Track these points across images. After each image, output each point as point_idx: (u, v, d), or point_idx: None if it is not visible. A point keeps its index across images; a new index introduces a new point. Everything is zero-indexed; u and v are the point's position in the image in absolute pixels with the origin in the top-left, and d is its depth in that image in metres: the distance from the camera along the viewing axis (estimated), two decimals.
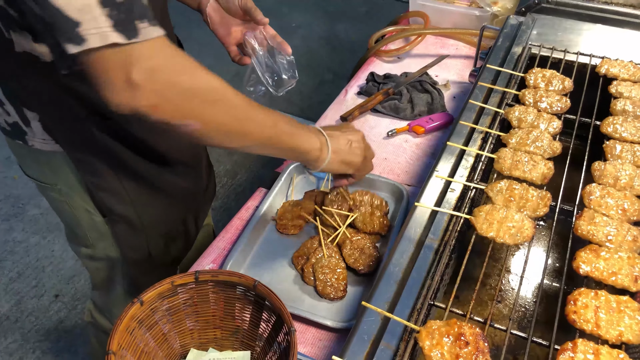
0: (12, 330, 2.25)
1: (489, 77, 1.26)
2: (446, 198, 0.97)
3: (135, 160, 1.11)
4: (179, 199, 1.27)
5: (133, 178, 1.13)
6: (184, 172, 1.25)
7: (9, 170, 2.97)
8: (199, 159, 1.32)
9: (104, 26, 0.70)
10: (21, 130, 1.06)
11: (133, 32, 0.72)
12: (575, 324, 0.73)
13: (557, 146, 1.00)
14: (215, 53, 3.96)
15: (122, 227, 1.18)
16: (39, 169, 1.15)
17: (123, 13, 0.72)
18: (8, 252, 2.56)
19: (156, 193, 1.19)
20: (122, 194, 1.13)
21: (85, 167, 1.08)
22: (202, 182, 1.37)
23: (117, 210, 1.15)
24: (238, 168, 3.08)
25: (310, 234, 1.24)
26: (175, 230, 1.33)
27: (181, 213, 1.32)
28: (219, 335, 1.01)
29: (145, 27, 0.73)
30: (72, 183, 1.12)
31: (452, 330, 0.71)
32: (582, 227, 0.85)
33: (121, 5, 0.72)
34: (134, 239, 1.22)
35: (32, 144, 1.08)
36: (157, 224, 1.24)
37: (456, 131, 1.12)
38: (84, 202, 1.15)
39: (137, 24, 0.73)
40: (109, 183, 1.11)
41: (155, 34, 0.74)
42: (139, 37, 0.72)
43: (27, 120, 1.04)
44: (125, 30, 0.71)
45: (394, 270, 0.87)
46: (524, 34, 1.41)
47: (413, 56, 1.87)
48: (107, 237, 1.21)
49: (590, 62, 1.27)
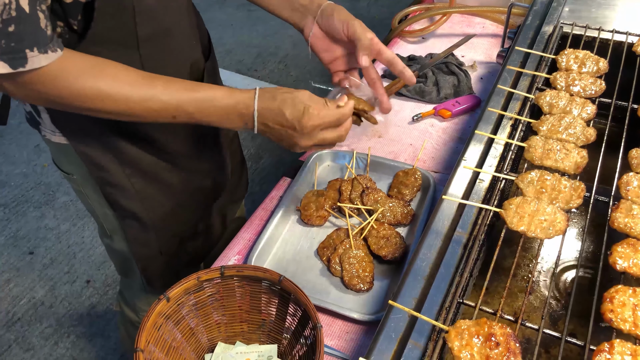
0: (47, 315, 2.31)
1: (517, 59, 1.21)
2: (475, 189, 0.94)
3: (143, 157, 1.11)
4: (194, 199, 1.25)
5: (141, 175, 1.12)
6: (200, 172, 1.23)
7: (38, 159, 3.03)
8: (223, 159, 1.30)
9: None
10: (35, 120, 1.08)
11: (21, 61, 0.77)
12: (612, 323, 0.70)
13: (591, 133, 0.96)
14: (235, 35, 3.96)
15: (130, 222, 1.18)
16: (58, 158, 1.16)
17: (14, 42, 0.76)
18: (41, 239, 2.63)
19: (166, 191, 1.18)
20: (129, 190, 1.12)
21: (91, 160, 1.08)
22: (227, 183, 1.34)
23: (124, 205, 1.14)
24: (262, 152, 3.08)
25: (335, 225, 1.22)
26: (190, 230, 1.31)
27: (196, 213, 1.30)
28: (245, 329, 1.01)
29: (35, 55, 0.78)
30: (85, 175, 1.12)
31: (482, 330, 0.69)
32: (619, 220, 0.81)
33: (12, 34, 0.75)
34: (143, 236, 1.20)
35: (45, 134, 1.09)
36: (167, 223, 1.22)
37: (484, 118, 1.08)
38: (96, 194, 1.15)
39: (27, 53, 0.78)
40: (115, 178, 1.10)
41: (45, 61, 0.80)
42: (26, 66, 0.78)
43: (38, 111, 1.06)
44: (12, 59, 0.77)
45: (422, 265, 0.85)
46: (555, 12, 1.34)
47: (438, 36, 1.81)
48: (120, 230, 1.22)
49: (626, 41, 1.21)
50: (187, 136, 1.15)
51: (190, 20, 1.10)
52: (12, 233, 2.65)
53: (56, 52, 0.81)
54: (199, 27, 1.18)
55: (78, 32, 0.91)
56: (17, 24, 0.75)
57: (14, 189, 2.87)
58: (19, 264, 2.52)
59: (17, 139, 3.14)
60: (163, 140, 1.11)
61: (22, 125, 3.15)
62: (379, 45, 1.05)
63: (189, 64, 1.11)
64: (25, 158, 3.04)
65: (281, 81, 3.55)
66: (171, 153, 1.14)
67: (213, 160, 1.27)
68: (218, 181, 1.31)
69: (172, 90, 0.92)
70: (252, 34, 3.90)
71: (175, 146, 1.14)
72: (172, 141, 1.12)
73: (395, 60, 1.06)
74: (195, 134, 1.17)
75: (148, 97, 0.90)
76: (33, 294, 2.39)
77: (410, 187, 1.25)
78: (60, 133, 1.06)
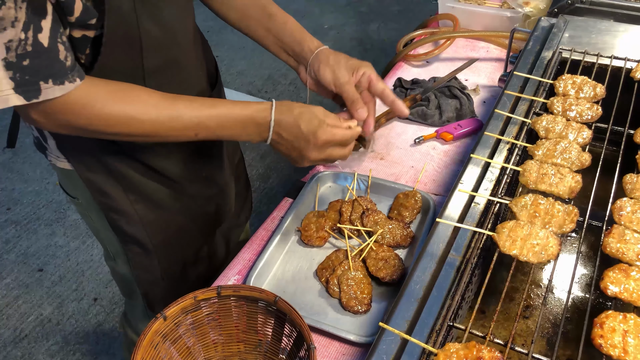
0: (53, 332, 2.33)
1: (517, 84, 1.23)
2: (470, 212, 0.95)
3: (147, 185, 1.12)
4: (196, 225, 1.26)
5: (145, 201, 1.14)
6: (202, 198, 1.24)
7: (51, 177, 3.08)
8: (223, 183, 1.31)
9: (5, 89, 0.77)
10: (42, 145, 1.11)
11: (34, 93, 0.80)
12: (601, 349, 0.70)
13: (586, 158, 0.96)
14: (247, 57, 4.02)
15: (133, 247, 1.19)
16: (64, 182, 1.19)
17: (28, 75, 0.78)
18: (50, 256, 2.66)
19: (169, 217, 1.19)
20: (132, 216, 1.14)
21: (95, 187, 1.09)
22: (229, 207, 1.35)
23: (127, 231, 1.16)
24: (270, 171, 3.10)
25: (335, 245, 1.23)
26: (193, 256, 1.32)
27: (200, 239, 1.31)
28: (242, 348, 1.02)
29: (49, 87, 0.80)
30: (89, 199, 1.14)
31: (470, 353, 0.69)
32: (611, 245, 0.81)
33: (27, 67, 0.78)
34: (146, 261, 1.21)
35: (51, 159, 1.11)
36: (170, 248, 1.23)
37: (482, 141, 1.09)
38: (101, 218, 1.17)
39: (41, 85, 0.80)
40: (119, 204, 1.12)
41: (59, 92, 0.82)
42: (39, 97, 0.80)
43: (44, 137, 1.08)
44: (26, 91, 0.79)
45: (415, 288, 0.85)
46: (555, 37, 1.36)
47: (442, 60, 1.84)
48: (123, 254, 1.23)
49: (625, 66, 1.22)
50: (191, 162, 1.17)
51: (197, 51, 1.13)
52: (22, 250, 2.69)
53: (74, 83, 0.83)
54: (205, 57, 1.20)
55: (85, 65, 0.92)
56: (32, 58, 0.78)
57: (26, 206, 2.92)
58: (28, 280, 2.55)
59: (30, 158, 3.21)
60: (167, 166, 1.13)
61: None
62: (369, 79, 1.08)
63: (195, 93, 1.12)
64: (37, 176, 3.10)
65: None
66: (174, 179, 1.16)
67: (216, 186, 1.28)
68: (221, 206, 1.32)
69: (193, 108, 0.95)
70: (262, 57, 3.96)
71: (179, 172, 1.16)
72: (175, 167, 1.14)
73: (385, 93, 1.09)
74: (200, 159, 1.18)
75: (173, 117, 0.93)
76: (41, 311, 2.41)
77: (411, 209, 1.25)
78: (65, 159, 1.08)
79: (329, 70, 1.09)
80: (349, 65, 1.09)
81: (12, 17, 0.74)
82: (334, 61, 1.09)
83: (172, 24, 1.00)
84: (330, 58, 1.10)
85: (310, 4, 4.65)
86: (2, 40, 0.75)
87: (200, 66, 1.15)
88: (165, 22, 0.98)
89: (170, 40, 1.01)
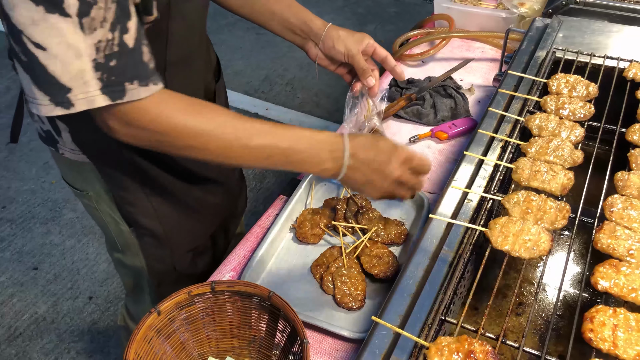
0: (48, 331, 2.33)
1: (511, 83, 1.24)
2: (463, 209, 0.96)
3: (163, 177, 1.13)
4: (206, 216, 1.29)
5: (160, 194, 1.15)
6: (212, 189, 1.26)
7: (47, 175, 3.08)
8: (229, 175, 1.34)
9: (92, 90, 0.77)
10: (53, 138, 1.11)
11: (119, 94, 0.79)
12: (591, 343, 0.71)
13: (578, 155, 0.97)
14: (244, 57, 4.03)
15: (147, 239, 1.21)
16: (71, 175, 1.19)
17: (115, 75, 0.78)
18: (45, 255, 2.65)
19: (183, 209, 1.21)
20: (148, 209, 1.15)
21: (113, 180, 1.11)
22: (232, 198, 1.38)
23: (143, 223, 1.17)
24: (266, 172, 3.11)
25: (329, 243, 1.24)
26: (202, 246, 1.34)
27: (209, 229, 1.34)
28: (236, 344, 1.03)
29: (134, 88, 0.80)
30: (100, 192, 1.16)
31: (462, 347, 0.70)
32: (602, 241, 0.82)
33: (114, 68, 0.78)
34: (159, 252, 1.24)
35: (63, 152, 1.12)
36: (183, 239, 1.25)
37: (476, 139, 1.10)
38: (112, 211, 1.19)
39: (126, 86, 0.79)
40: (135, 197, 1.13)
41: (144, 94, 0.81)
42: (124, 98, 0.79)
43: (58, 130, 1.08)
44: (112, 92, 0.78)
45: (408, 283, 0.86)
46: (549, 37, 1.37)
47: (437, 60, 1.84)
48: (133, 246, 1.24)
49: (617, 66, 1.23)
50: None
51: (206, 45, 1.16)
52: (17, 248, 2.69)
53: (157, 85, 0.83)
54: (209, 51, 1.23)
55: None
56: (118, 58, 0.78)
57: (21, 205, 2.92)
58: (23, 279, 2.54)
59: (26, 156, 3.20)
60: (181, 159, 1.14)
61: (32, 142, 3.21)
62: (373, 47, 1.21)
63: (203, 86, 1.16)
64: (34, 175, 3.09)
65: (288, 103, 3.60)
66: (187, 172, 1.17)
67: (222, 177, 1.30)
68: (226, 197, 1.34)
69: (266, 129, 0.91)
70: (260, 57, 3.97)
71: (193, 165, 1.17)
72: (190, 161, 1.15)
73: (388, 59, 1.22)
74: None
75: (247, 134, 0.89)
76: (35, 309, 2.41)
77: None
78: (80, 151, 1.09)
79: (341, 43, 1.20)
80: (356, 38, 1.21)
81: (102, 18, 0.74)
82: (344, 36, 1.21)
83: (194, 18, 1.01)
84: (340, 33, 1.21)
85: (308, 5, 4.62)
86: (92, 41, 0.75)
87: (208, 60, 1.18)
88: (189, 16, 0.99)
89: (191, 35, 1.03)
